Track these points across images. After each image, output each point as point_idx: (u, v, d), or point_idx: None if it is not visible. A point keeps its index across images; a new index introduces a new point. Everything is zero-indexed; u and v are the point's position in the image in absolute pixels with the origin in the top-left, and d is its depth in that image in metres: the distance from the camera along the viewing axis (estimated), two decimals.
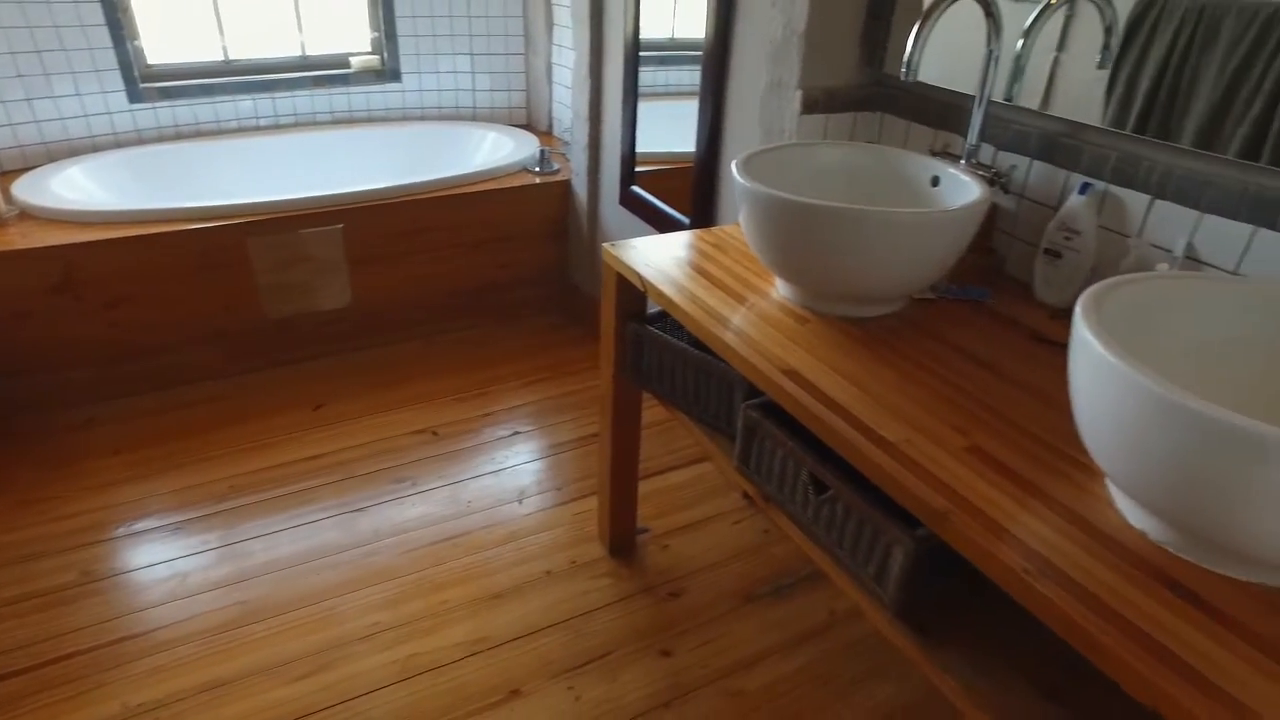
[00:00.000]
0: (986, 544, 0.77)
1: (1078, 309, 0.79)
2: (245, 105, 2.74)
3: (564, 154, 2.71)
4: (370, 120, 2.95)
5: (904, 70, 1.14)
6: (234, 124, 2.75)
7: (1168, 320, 0.86)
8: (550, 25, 2.77)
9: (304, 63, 2.82)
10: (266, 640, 1.50)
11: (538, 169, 2.60)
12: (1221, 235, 1.05)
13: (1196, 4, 1.03)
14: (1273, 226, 0.99)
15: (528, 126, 3.05)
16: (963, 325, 1.17)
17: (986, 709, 0.87)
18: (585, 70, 2.31)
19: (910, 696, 1.44)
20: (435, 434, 2.10)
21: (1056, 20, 1.22)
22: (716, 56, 1.72)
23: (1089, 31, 1.18)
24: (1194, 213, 1.07)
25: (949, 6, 1.13)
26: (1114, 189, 1.16)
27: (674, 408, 1.38)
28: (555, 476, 1.97)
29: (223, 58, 2.69)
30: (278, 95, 2.77)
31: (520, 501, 1.88)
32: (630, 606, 1.60)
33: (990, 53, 1.22)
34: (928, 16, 1.12)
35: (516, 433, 2.12)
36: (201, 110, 2.67)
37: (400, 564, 1.68)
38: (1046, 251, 1.22)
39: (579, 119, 2.41)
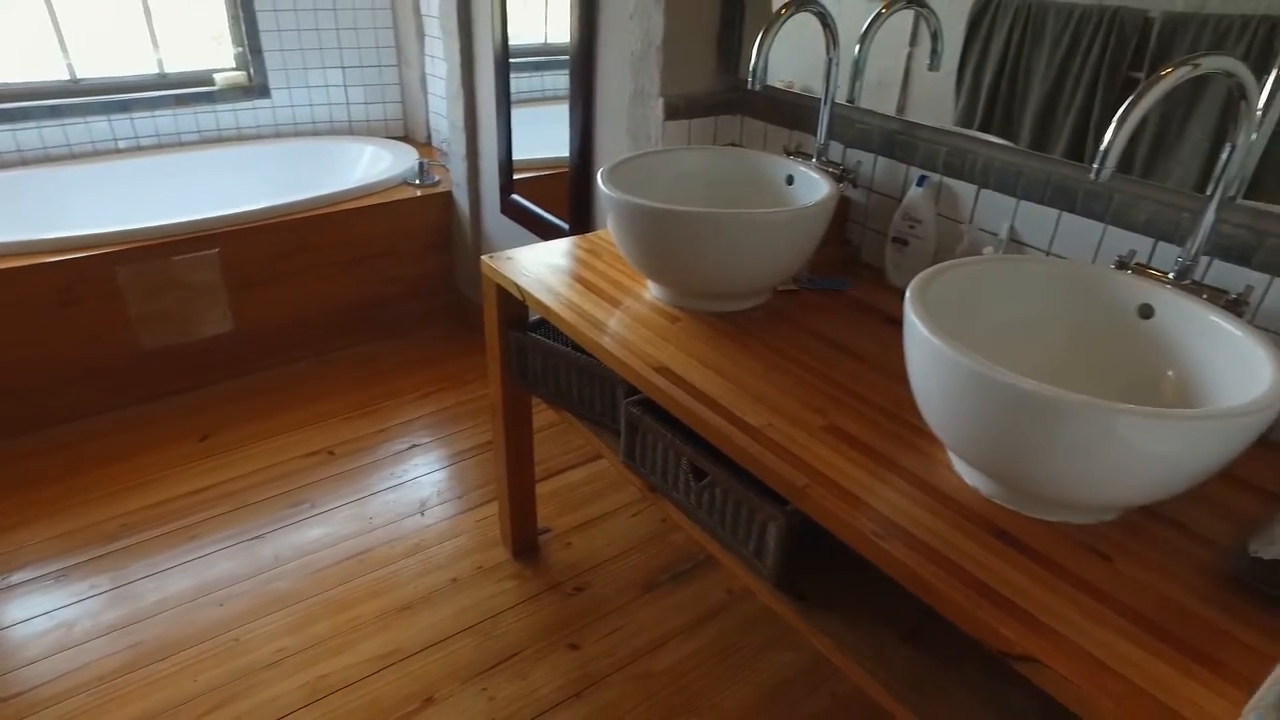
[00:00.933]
0: (841, 512, 0.86)
1: (907, 295, 0.88)
2: (100, 127, 2.61)
3: (444, 165, 2.71)
4: (240, 138, 2.86)
5: (750, 79, 1.22)
6: (89, 147, 2.61)
7: (984, 300, 0.97)
8: (421, 36, 2.76)
9: (163, 81, 2.71)
10: (167, 680, 1.47)
11: (418, 181, 2.59)
12: (1035, 219, 1.17)
13: (1025, 3, 1.14)
14: (1073, 210, 1.12)
15: (406, 138, 3.03)
16: (823, 313, 1.26)
17: (858, 659, 0.96)
18: (458, 81, 2.32)
19: (805, 662, 1.54)
20: (332, 453, 2.08)
21: (906, 19, 1.30)
22: (583, 66, 1.77)
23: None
24: (1012, 200, 1.20)
25: (788, 20, 1.22)
26: (948, 180, 1.28)
27: (562, 409, 1.43)
28: (456, 485, 1.98)
29: (69, 77, 2.55)
30: (136, 115, 2.65)
31: (422, 513, 1.89)
32: (537, 605, 1.65)
33: (830, 59, 1.32)
34: (768, 30, 1.20)
35: (414, 445, 2.13)
36: (50, 133, 2.53)
37: (304, 587, 1.67)
38: (894, 240, 1.34)
39: (455, 130, 2.42)
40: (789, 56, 1.50)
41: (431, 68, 2.74)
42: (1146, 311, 0.93)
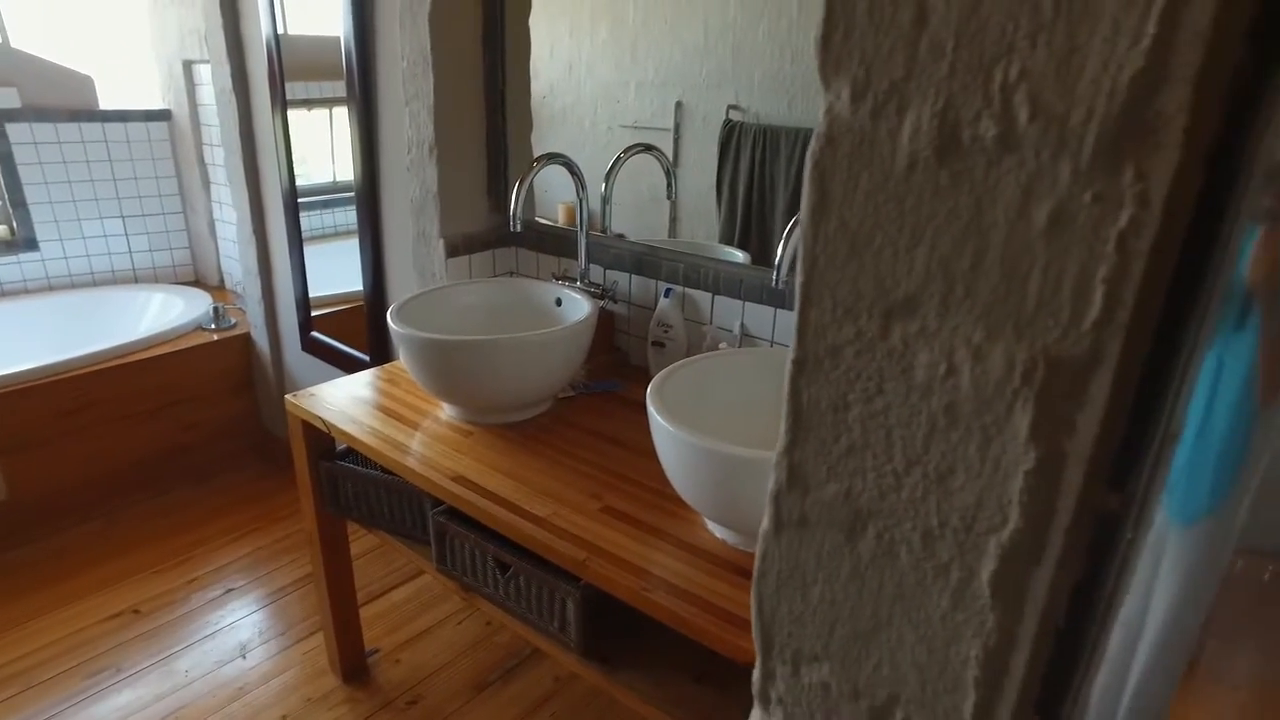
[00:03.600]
0: (616, 577, 1.04)
1: (647, 393, 1.11)
2: None
3: (240, 307, 2.74)
4: (5, 294, 2.74)
5: (511, 222, 1.45)
6: None
7: (710, 388, 1.22)
8: (207, 184, 2.82)
9: None
10: None
11: (214, 326, 2.61)
12: (760, 316, 1.46)
13: (762, 127, 1.40)
14: (782, 306, 1.41)
15: (197, 283, 3.02)
16: (598, 413, 1.47)
17: (658, 705, 1.13)
18: (249, 227, 2.41)
19: None
20: (137, 612, 2.00)
21: (668, 142, 1.55)
22: (369, 211, 1.94)
23: (697, 149, 1.52)
24: (739, 302, 1.48)
25: (539, 172, 1.47)
26: (689, 290, 1.56)
27: (377, 530, 1.53)
28: (279, 622, 1.98)
29: None
30: None
31: (244, 656, 1.86)
32: None
33: (579, 199, 1.58)
34: (522, 180, 1.44)
35: (230, 590, 2.09)
36: None
37: None
38: (653, 343, 1.59)
39: (249, 274, 2.49)
40: (559, 193, 1.76)
41: (220, 213, 2.79)
42: None
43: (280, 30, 2.06)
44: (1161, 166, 0.28)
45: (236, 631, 1.95)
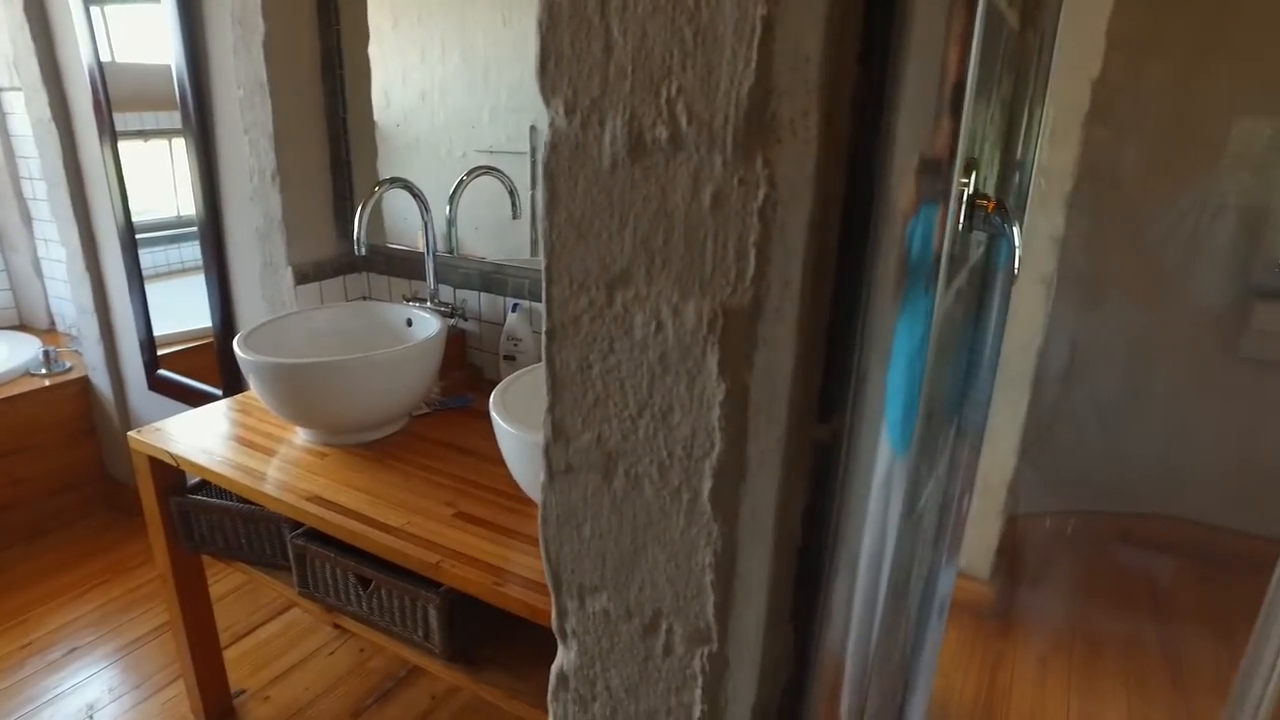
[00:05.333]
0: (471, 576, 1.09)
1: (490, 399, 1.16)
2: None
3: (76, 350, 2.59)
4: None
5: (356, 246, 1.48)
6: None
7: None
8: (29, 220, 2.66)
9: None
10: None
11: (44, 370, 2.46)
12: None
13: None
14: None
15: (22, 327, 2.83)
16: (452, 426, 1.51)
17: (525, 699, 1.17)
18: (81, 264, 2.30)
19: None
20: None
21: (525, 167, 1.59)
22: (213, 242, 1.91)
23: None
24: None
25: (381, 196, 1.51)
26: (535, 304, 1.62)
27: (235, 561, 1.50)
28: (134, 675, 1.88)
29: None
30: None
31: (90, 717, 1.77)
32: None
33: (425, 222, 1.62)
34: (364, 205, 1.47)
35: (73, 649, 1.97)
36: None
37: None
38: (505, 357, 1.64)
39: (84, 313, 2.37)
40: (407, 218, 1.80)
41: (45, 251, 2.64)
42: None
43: (105, 58, 1.99)
44: (786, 156, 0.38)
45: (82, 692, 1.84)
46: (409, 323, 1.59)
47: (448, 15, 1.59)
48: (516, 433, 1.06)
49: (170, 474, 1.51)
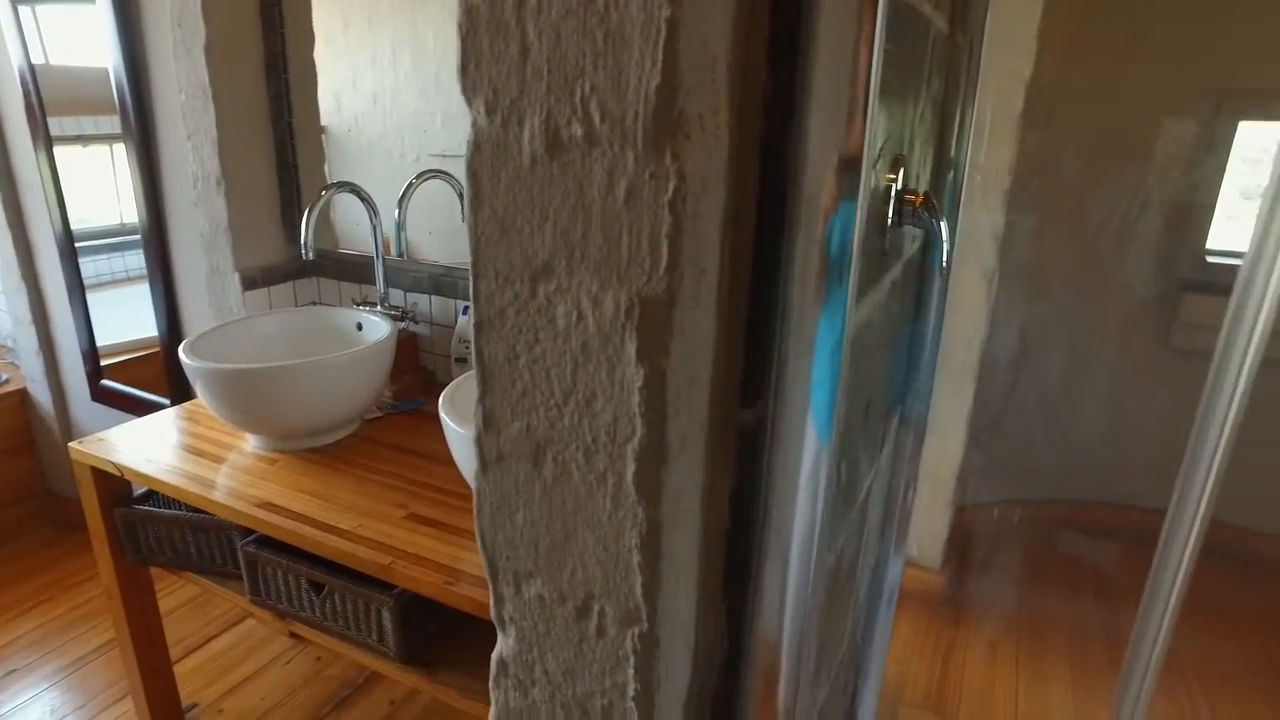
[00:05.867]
0: (422, 576, 1.09)
1: (439, 401, 1.17)
2: None
3: (12, 362, 2.53)
4: None
5: (303, 250, 1.47)
6: None
7: None
8: None
9: None
10: None
11: None
12: None
13: None
14: None
15: None
16: (404, 430, 1.51)
17: (477, 698, 1.18)
18: (16, 274, 2.24)
19: None
20: None
21: None
22: (157, 249, 1.88)
23: None
24: None
25: (328, 200, 1.50)
26: None
27: (184, 572, 1.48)
28: (77, 695, 1.84)
29: None
30: None
31: None
32: None
33: (374, 226, 1.62)
34: (311, 209, 1.47)
35: (11, 671, 1.92)
36: None
37: None
38: (457, 360, 1.64)
39: (21, 324, 2.31)
40: (358, 223, 1.79)
41: None
42: None
43: (38, 60, 1.95)
44: (695, 151, 0.39)
45: (21, 715, 1.79)
46: (359, 326, 1.59)
47: (398, 19, 1.59)
48: (466, 433, 1.07)
49: (115, 485, 1.48)
